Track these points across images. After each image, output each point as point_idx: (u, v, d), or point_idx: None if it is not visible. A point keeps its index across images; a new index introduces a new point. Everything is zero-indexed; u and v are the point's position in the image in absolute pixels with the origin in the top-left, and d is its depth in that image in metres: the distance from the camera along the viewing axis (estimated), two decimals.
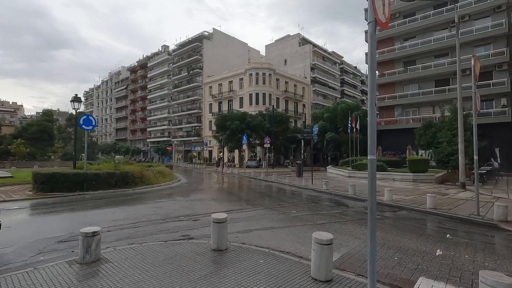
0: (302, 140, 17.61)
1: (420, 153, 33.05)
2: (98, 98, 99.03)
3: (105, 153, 68.45)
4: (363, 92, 70.19)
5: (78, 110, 12.37)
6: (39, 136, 40.60)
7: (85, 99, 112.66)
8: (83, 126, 11.53)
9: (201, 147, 43.89)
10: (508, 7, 28.62)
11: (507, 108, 27.99)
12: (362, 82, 77.04)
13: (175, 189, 13.70)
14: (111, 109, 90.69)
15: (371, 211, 2.83)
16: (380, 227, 6.54)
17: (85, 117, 11.81)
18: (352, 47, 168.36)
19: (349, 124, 26.73)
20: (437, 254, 4.79)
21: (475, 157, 7.70)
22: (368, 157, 2.92)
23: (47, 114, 42.69)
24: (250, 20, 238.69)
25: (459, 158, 13.86)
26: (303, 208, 8.86)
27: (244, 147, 21.56)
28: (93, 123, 12.13)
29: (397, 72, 34.41)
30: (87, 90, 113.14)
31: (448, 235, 5.92)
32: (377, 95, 37.79)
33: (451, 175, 17.02)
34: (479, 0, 29.35)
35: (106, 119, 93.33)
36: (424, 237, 5.78)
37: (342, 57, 68.92)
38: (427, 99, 32.28)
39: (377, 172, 18.32)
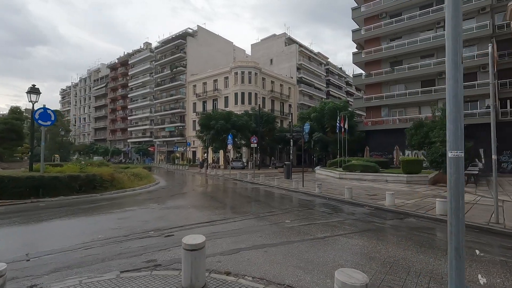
0: (291, 140, 16.48)
1: (407, 154, 32.93)
2: (76, 97, 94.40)
3: (82, 154, 64.94)
4: (348, 93, 70.50)
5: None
6: (6, 136, 37.38)
7: (62, 98, 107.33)
8: (39, 121, 9.79)
9: (184, 148, 42.01)
10: (492, 9, 28.90)
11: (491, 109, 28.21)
12: (347, 83, 77.45)
13: (151, 194, 12.15)
14: (89, 108, 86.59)
15: (455, 250, 1.61)
16: (395, 241, 5.43)
17: (41, 110, 10.06)
18: (336, 50, 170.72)
19: (337, 124, 25.94)
20: (481, 282, 3.72)
21: (494, 157, 6.80)
22: (449, 154, 1.71)
23: (15, 112, 39.41)
24: (235, 21, 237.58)
25: None
26: (298, 216, 7.65)
27: (230, 147, 20.19)
28: (52, 118, 10.39)
29: (384, 72, 34.16)
30: (64, 88, 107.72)
31: (477, 252, 4.89)
32: (364, 95, 37.48)
33: (444, 176, 16.43)
34: (464, 1, 29.48)
35: (85, 118, 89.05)
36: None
37: (328, 58, 68.93)
38: (413, 100, 32.16)
39: (369, 173, 17.64)
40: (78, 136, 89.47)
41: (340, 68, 76.19)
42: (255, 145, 17.30)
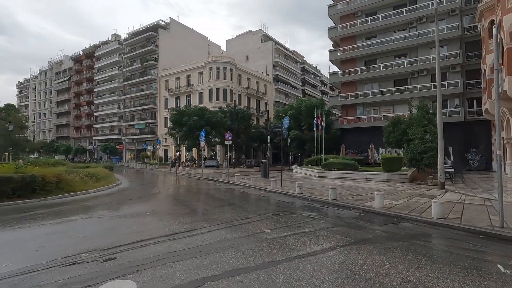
0: (269, 137, 15.37)
1: (381, 151, 33.25)
2: (35, 91, 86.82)
3: (43, 152, 59.53)
4: (323, 93, 71.13)
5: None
6: None
7: (19, 91, 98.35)
8: None
9: (155, 146, 39.52)
10: (461, 11, 29.78)
11: (460, 108, 29.09)
12: (322, 83, 78.26)
13: (105, 198, 10.35)
14: (50, 103, 79.98)
15: None
16: (400, 256, 4.40)
17: None
18: (310, 51, 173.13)
19: (315, 121, 25.31)
20: None
21: (498, 152, 6.08)
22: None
23: None
24: (211, 18, 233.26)
25: (438, 155, 12.81)
26: (279, 223, 6.46)
27: (202, 144, 18.66)
28: None
29: (359, 71, 34.25)
30: (22, 80, 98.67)
31: (501, 267, 3.98)
32: (340, 93, 37.42)
33: (422, 174, 16.19)
34: (436, 3, 30.06)
35: (45, 114, 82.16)
36: (473, 275, 3.74)
37: (303, 57, 68.99)
38: (387, 98, 32.51)
39: (349, 172, 17.03)
40: (38, 133, 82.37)
41: (316, 67, 76.77)
42: (230, 142, 15.95)
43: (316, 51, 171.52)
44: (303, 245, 4.83)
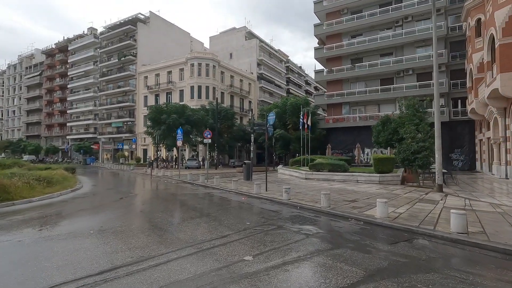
0: (252, 135, 13.85)
1: (366, 152, 32.62)
2: (3, 86, 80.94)
3: (11, 152, 55.16)
4: (307, 92, 70.56)
5: None
6: None
7: None
8: None
9: (130, 145, 36.99)
10: (446, 11, 29.58)
11: (445, 108, 28.85)
12: (307, 83, 77.79)
13: (48, 209, 8.32)
14: (20, 99, 74.78)
15: None
16: None
17: None
18: (293, 52, 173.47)
19: (301, 120, 24.09)
20: None
21: None
22: None
23: None
24: (194, 15, 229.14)
25: (436, 156, 11.82)
26: (263, 245, 4.96)
27: (180, 143, 16.83)
28: None
29: (345, 69, 33.49)
30: None
31: None
32: (325, 91, 36.53)
33: (414, 175, 15.26)
34: (421, 1, 29.76)
35: (14, 111, 76.70)
36: None
37: (288, 56, 68.05)
38: (373, 98, 31.88)
39: (339, 173, 15.77)
40: (6, 132, 76.80)
41: (300, 67, 76.17)
42: (209, 140, 14.26)
43: (299, 52, 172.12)
44: (297, 285, 3.36)
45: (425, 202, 9.17)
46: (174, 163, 35.26)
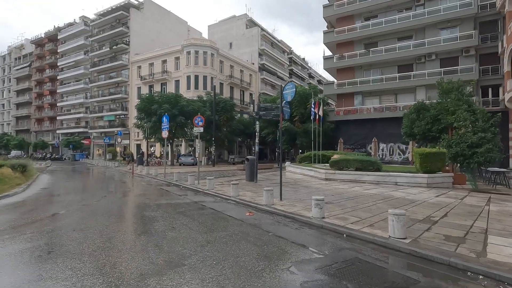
0: (257, 122, 10.50)
1: (381, 147, 29.13)
2: None
3: None
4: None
5: None
6: None
7: None
8: None
9: (115, 140, 33.44)
10: None
11: (474, 97, 25.42)
12: (310, 76, 74.16)
13: None
14: (9, 92, 71.25)
15: None
16: None
17: None
18: (292, 47, 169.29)
19: (312, 110, 20.67)
20: None
21: None
22: None
23: None
24: (191, 6, 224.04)
25: None
26: None
27: (165, 134, 13.39)
28: None
29: (358, 55, 29.91)
30: None
31: None
32: (335, 81, 33.07)
33: (462, 176, 11.91)
34: None
35: (3, 104, 73.19)
36: None
37: (291, 48, 64.34)
38: (389, 86, 28.33)
39: (370, 173, 12.25)
40: None
41: (303, 59, 72.54)
42: (201, 129, 10.80)
43: (299, 47, 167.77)
44: None
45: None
46: (159, 158, 31.83)
